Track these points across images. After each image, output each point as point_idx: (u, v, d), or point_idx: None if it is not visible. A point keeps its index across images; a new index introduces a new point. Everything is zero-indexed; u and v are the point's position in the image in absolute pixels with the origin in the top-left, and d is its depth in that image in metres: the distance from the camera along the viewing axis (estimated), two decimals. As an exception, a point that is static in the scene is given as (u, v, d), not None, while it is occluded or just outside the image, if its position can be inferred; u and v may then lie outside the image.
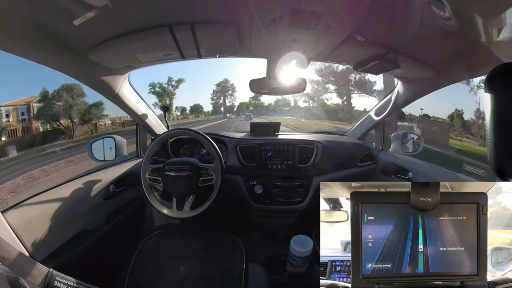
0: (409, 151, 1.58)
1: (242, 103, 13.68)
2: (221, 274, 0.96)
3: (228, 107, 13.75)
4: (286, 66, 1.19)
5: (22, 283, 0.41)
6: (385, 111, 1.45)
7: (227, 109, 13.69)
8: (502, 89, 0.42)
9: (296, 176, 1.46)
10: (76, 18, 0.65)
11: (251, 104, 13.49)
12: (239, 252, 1.01)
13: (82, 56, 0.88)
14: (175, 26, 0.80)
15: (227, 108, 13.67)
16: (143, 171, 1.12)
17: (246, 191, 1.46)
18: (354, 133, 1.77)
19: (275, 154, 1.46)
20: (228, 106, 13.68)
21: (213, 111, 13.63)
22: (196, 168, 1.11)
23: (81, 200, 1.03)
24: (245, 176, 1.47)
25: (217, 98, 13.50)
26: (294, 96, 12.89)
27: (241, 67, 20.08)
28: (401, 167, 1.43)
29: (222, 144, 1.53)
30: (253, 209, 1.47)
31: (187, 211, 1.11)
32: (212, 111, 13.69)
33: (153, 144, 1.16)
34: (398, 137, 1.60)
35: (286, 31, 0.82)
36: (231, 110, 13.85)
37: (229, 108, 13.79)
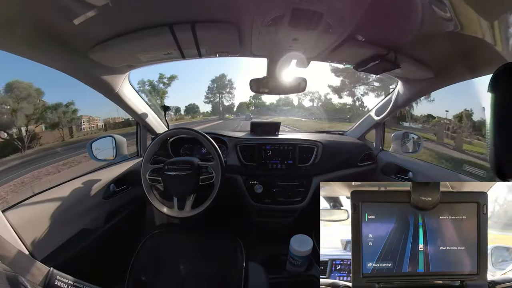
0: (409, 151, 1.58)
1: (243, 103, 13.45)
2: (221, 273, 0.96)
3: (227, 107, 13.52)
4: (286, 66, 1.19)
5: (22, 282, 0.41)
6: (385, 111, 1.45)
7: (226, 109, 13.47)
8: (505, 89, 0.42)
9: (296, 176, 1.46)
10: (77, 17, 0.65)
11: (251, 103, 13.29)
12: (239, 251, 1.01)
13: (83, 55, 0.88)
14: (175, 25, 0.80)
15: (226, 108, 13.45)
16: (143, 171, 1.12)
17: (246, 191, 1.46)
18: (354, 133, 1.77)
19: (275, 154, 1.47)
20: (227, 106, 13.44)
21: (212, 112, 13.35)
22: (196, 166, 1.11)
23: (81, 199, 1.03)
24: (245, 176, 1.48)
25: (213, 96, 13.12)
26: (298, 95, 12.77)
27: (241, 65, 19.79)
28: (401, 167, 1.43)
29: (222, 144, 1.53)
30: (253, 208, 1.47)
31: (188, 210, 1.11)
32: (211, 112, 13.43)
33: (153, 143, 1.16)
34: (398, 137, 1.60)
35: (286, 30, 0.82)
36: (231, 110, 13.65)
37: (228, 108, 13.57)
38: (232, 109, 13.68)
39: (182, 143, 1.60)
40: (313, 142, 1.48)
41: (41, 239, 0.82)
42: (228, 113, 13.51)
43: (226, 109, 13.76)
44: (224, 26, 0.84)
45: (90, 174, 1.19)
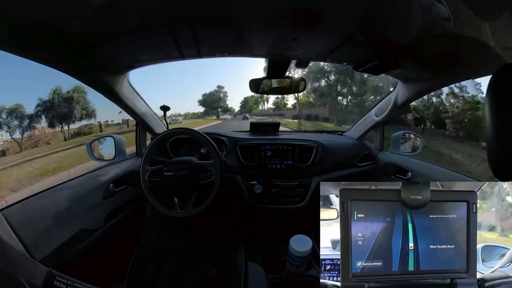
0: (409, 151, 1.58)
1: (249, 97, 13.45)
2: (220, 273, 0.96)
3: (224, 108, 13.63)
4: (286, 66, 1.19)
5: (21, 283, 0.40)
6: (385, 111, 1.45)
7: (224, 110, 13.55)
8: (504, 89, 0.42)
9: (295, 176, 1.46)
10: (76, 17, 0.65)
11: (251, 99, 13.45)
12: (238, 251, 1.01)
13: (82, 55, 0.87)
14: (175, 25, 0.80)
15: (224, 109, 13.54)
16: (142, 172, 1.12)
17: (245, 191, 1.46)
18: (354, 133, 1.77)
19: (275, 154, 1.46)
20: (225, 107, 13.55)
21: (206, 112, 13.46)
22: (194, 166, 1.11)
23: (80, 199, 1.03)
24: (244, 176, 1.47)
25: (209, 111, 13.23)
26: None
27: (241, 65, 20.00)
28: (400, 167, 1.43)
29: (221, 144, 1.53)
30: (252, 208, 1.47)
31: (188, 210, 1.11)
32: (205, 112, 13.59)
33: (152, 143, 1.16)
34: (397, 137, 1.60)
35: (286, 30, 0.82)
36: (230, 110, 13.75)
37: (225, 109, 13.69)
38: (232, 111, 13.87)
39: (181, 143, 1.60)
40: (313, 142, 1.48)
41: (40, 239, 0.82)
42: (226, 114, 13.71)
43: (224, 110, 13.91)
44: (224, 26, 0.84)
45: (90, 174, 1.19)
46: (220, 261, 1.00)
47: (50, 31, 0.72)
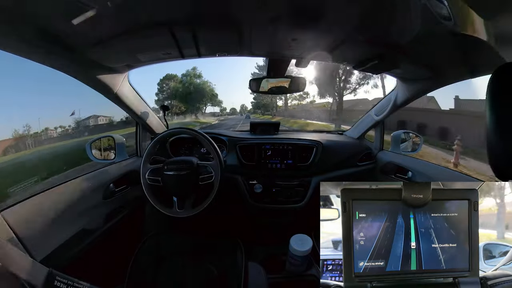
0: (409, 150, 1.58)
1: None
2: (220, 273, 0.96)
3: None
4: (286, 65, 1.19)
5: (21, 283, 0.40)
6: (384, 110, 1.45)
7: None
8: (504, 89, 0.42)
9: (295, 176, 1.46)
10: (76, 17, 0.64)
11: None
12: (238, 251, 1.01)
13: (82, 55, 0.87)
14: (174, 25, 0.80)
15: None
16: (142, 171, 1.12)
17: (245, 190, 1.46)
18: (353, 132, 1.77)
19: (275, 154, 1.46)
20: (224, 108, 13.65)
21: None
22: (195, 166, 1.11)
23: (80, 199, 1.03)
24: (244, 176, 1.48)
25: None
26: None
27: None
28: (400, 167, 1.43)
29: (221, 144, 1.53)
30: (252, 208, 1.47)
31: (188, 210, 1.11)
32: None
33: (152, 143, 1.16)
34: (397, 137, 1.60)
35: (286, 30, 0.82)
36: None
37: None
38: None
39: (181, 143, 1.60)
40: (313, 142, 1.48)
41: (40, 239, 0.82)
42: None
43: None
44: (224, 25, 0.83)
45: (90, 174, 1.19)
46: (220, 261, 1.00)
47: (50, 30, 0.71)
